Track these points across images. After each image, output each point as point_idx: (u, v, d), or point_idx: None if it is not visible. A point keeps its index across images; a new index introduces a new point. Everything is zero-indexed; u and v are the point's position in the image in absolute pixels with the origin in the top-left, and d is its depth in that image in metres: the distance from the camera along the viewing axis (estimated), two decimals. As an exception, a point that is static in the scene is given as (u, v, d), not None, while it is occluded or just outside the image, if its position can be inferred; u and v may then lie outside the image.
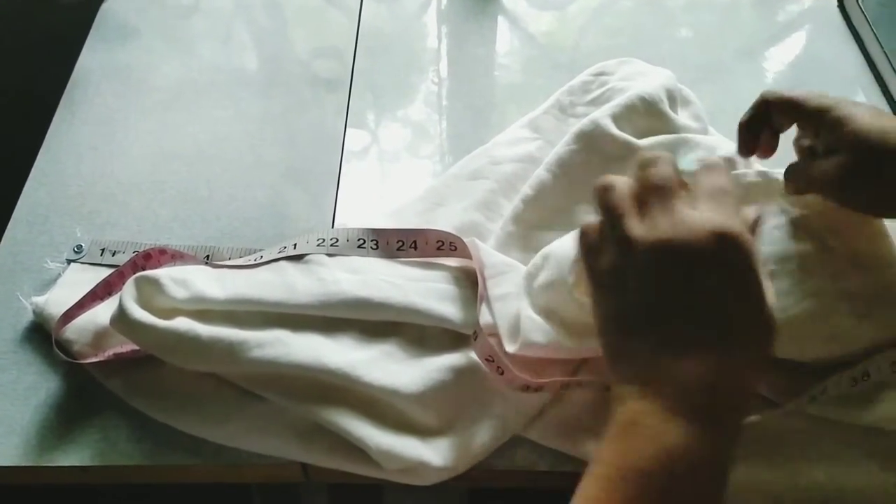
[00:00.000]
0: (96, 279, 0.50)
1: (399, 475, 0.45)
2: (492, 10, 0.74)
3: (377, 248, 0.52)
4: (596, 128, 0.55)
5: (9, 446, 0.46)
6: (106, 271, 0.51)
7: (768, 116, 0.46)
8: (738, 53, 0.71)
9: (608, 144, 0.55)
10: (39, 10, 0.80)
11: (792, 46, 0.72)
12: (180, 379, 0.47)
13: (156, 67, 0.68)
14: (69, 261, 0.54)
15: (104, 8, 0.73)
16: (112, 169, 0.60)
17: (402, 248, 0.52)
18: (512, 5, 0.75)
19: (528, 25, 0.74)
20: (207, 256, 0.54)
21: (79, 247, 0.54)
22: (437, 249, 0.51)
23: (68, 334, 0.49)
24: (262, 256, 0.52)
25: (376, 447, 0.44)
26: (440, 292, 0.49)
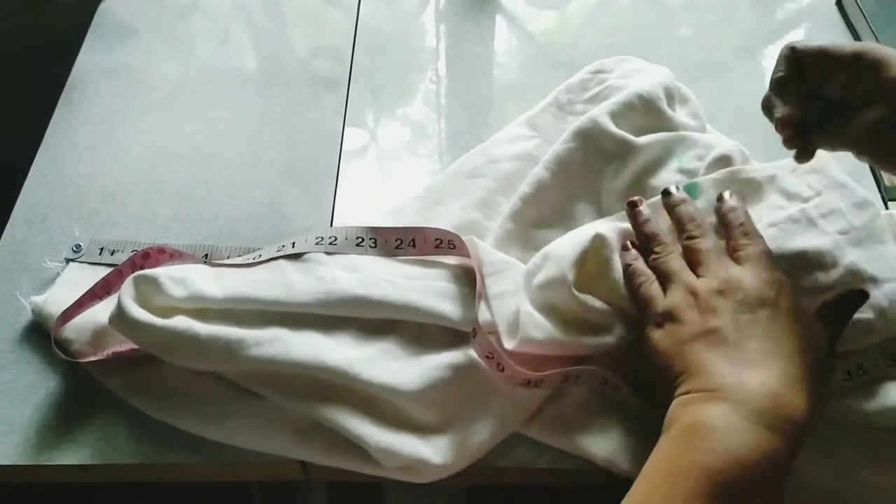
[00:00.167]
0: (95, 278, 0.50)
1: (398, 473, 0.45)
2: (490, 9, 0.74)
3: (376, 246, 0.52)
4: (594, 126, 0.55)
5: (8, 445, 0.46)
6: (105, 270, 0.51)
7: (801, 70, 0.43)
8: (737, 51, 0.71)
9: (606, 142, 0.55)
10: (38, 10, 0.80)
11: (790, 44, 0.72)
12: (179, 378, 0.47)
13: (154, 67, 0.68)
14: (68, 260, 0.54)
15: (102, 8, 0.72)
16: (111, 168, 0.60)
17: (401, 246, 0.52)
18: (510, 4, 0.75)
19: (527, 24, 0.74)
20: (206, 255, 0.54)
21: (77, 246, 0.54)
22: (436, 247, 0.51)
23: (67, 333, 0.49)
24: (260, 255, 0.52)
25: (375, 445, 0.44)
26: (439, 290, 0.49)
